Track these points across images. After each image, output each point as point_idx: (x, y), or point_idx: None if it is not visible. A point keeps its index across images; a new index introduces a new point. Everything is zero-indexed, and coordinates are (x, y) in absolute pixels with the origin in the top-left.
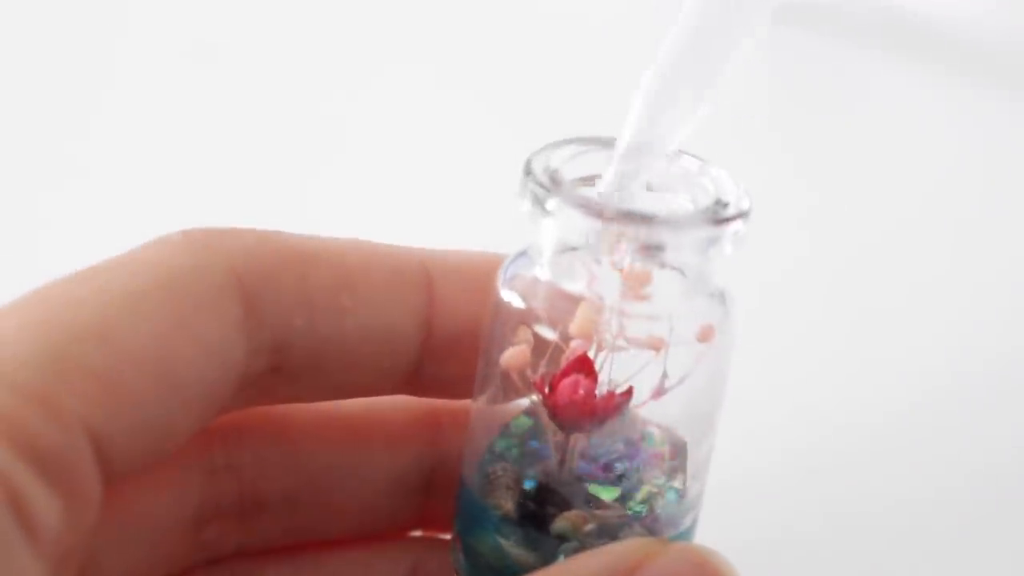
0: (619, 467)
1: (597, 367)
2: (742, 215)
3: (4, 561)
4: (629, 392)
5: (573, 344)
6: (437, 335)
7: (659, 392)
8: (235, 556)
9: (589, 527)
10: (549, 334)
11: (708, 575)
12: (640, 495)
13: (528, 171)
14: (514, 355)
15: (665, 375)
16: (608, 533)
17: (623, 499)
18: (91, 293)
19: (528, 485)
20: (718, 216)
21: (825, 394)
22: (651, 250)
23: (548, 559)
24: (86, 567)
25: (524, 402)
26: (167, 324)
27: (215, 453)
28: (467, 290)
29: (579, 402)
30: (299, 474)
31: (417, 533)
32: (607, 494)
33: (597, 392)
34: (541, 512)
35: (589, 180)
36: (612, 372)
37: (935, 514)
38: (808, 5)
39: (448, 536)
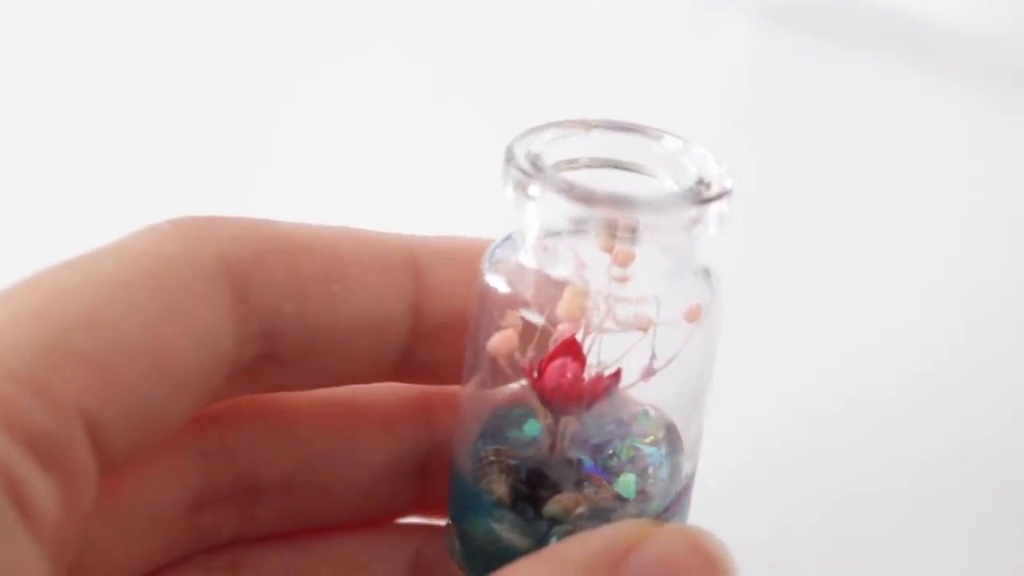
0: (610, 448)
1: (585, 350)
2: (724, 195)
3: (3, 546)
4: (617, 374)
5: (560, 327)
6: (426, 321)
7: (648, 373)
8: (233, 543)
9: (581, 509)
10: (536, 318)
11: (701, 556)
12: (631, 476)
13: (510, 157)
14: (501, 341)
15: (654, 356)
16: (600, 515)
17: (612, 476)
18: (81, 282)
19: (520, 469)
20: (700, 196)
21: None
22: (636, 232)
23: (541, 542)
24: (84, 554)
25: (514, 386)
26: (157, 312)
27: (209, 438)
28: (455, 276)
29: (567, 386)
30: (294, 458)
31: (414, 520)
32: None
33: (585, 375)
34: (533, 496)
35: (571, 163)
36: (600, 354)
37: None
38: (805, 6)
39: (444, 522)
